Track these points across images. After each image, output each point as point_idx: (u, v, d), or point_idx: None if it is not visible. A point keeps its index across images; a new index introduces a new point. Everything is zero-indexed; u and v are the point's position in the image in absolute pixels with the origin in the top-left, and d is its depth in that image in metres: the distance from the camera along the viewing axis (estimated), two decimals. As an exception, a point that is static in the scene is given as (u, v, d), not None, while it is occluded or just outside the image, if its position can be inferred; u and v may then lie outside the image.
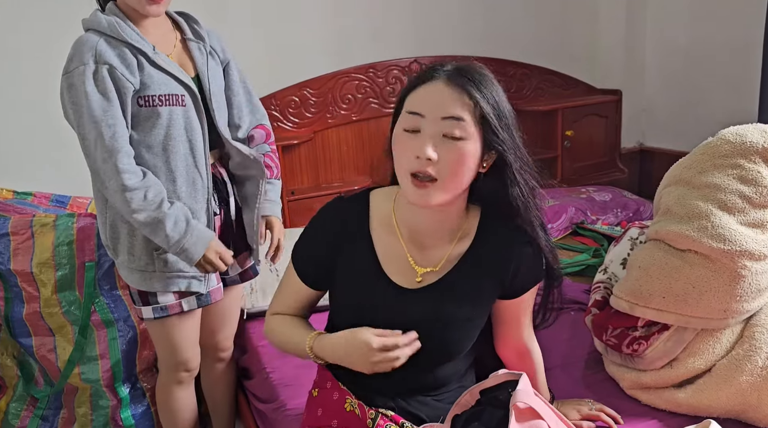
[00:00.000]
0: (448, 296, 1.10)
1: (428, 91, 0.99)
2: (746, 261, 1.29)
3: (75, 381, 1.77)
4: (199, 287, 1.47)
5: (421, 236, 1.11)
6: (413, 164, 0.99)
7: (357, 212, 1.13)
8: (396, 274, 1.10)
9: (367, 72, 2.57)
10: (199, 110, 1.43)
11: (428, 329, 1.07)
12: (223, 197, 1.53)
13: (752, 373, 1.28)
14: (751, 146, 1.36)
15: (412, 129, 0.99)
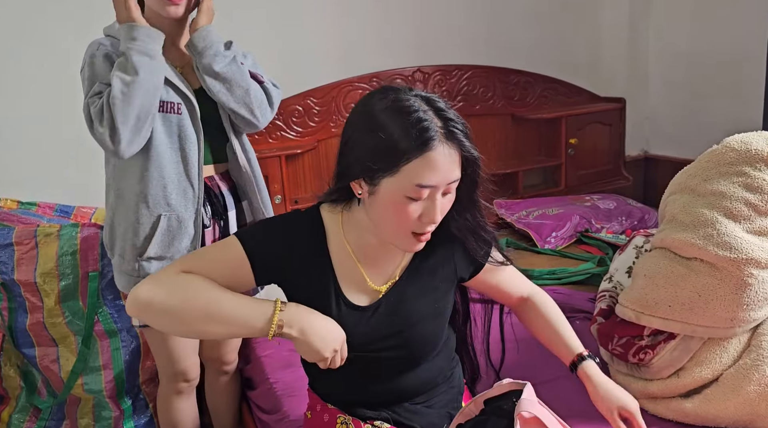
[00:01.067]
0: (407, 300, 1.11)
1: (434, 162, 0.95)
2: (752, 269, 1.28)
3: (78, 391, 1.76)
4: None
5: (375, 253, 1.10)
6: (418, 226, 1.00)
7: (314, 229, 1.09)
8: (355, 294, 1.09)
9: (370, 81, 2.57)
10: (195, 120, 1.42)
11: (396, 337, 1.09)
12: (217, 211, 1.51)
13: (760, 383, 1.26)
14: (756, 153, 1.36)
15: (418, 198, 0.97)
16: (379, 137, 0.95)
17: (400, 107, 0.96)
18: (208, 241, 1.49)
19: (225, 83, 1.42)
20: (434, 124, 0.95)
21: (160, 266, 1.41)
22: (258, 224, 1.13)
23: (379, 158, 0.96)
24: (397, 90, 1.00)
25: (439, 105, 0.98)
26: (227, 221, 1.54)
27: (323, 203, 1.11)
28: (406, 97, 0.98)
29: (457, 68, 2.70)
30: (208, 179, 1.50)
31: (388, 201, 0.97)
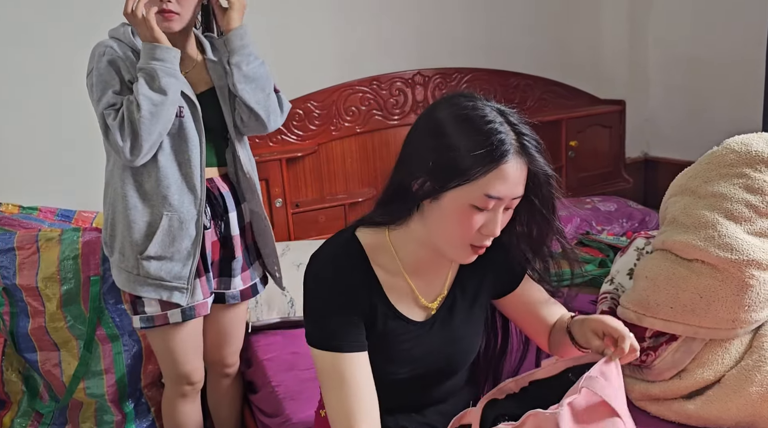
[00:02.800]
0: (456, 316, 1.12)
1: (508, 175, 0.95)
2: (754, 270, 1.28)
3: (80, 396, 1.76)
4: (180, 299, 1.45)
5: (426, 267, 1.10)
6: (477, 238, 0.99)
7: (355, 259, 1.06)
8: (408, 310, 1.09)
9: (371, 84, 2.58)
10: (198, 123, 1.45)
11: (444, 351, 1.11)
12: (218, 213, 1.53)
13: (762, 384, 1.26)
14: (757, 155, 1.36)
15: (484, 208, 0.96)
16: (453, 145, 0.95)
17: (476, 115, 0.96)
18: (208, 242, 1.50)
19: (251, 83, 1.47)
20: (510, 137, 0.95)
21: (159, 266, 1.43)
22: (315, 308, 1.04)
23: (451, 166, 0.95)
24: (472, 98, 1.00)
25: (513, 119, 0.98)
26: (228, 223, 1.55)
27: (358, 227, 1.09)
28: (482, 105, 0.98)
29: (457, 71, 2.71)
30: (209, 181, 1.51)
31: (452, 209, 0.97)
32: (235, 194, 1.57)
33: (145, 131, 1.33)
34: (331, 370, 1.00)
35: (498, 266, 1.14)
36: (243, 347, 1.95)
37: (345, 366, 1.00)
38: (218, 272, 1.56)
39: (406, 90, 2.63)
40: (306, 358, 1.80)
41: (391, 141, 2.63)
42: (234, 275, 1.58)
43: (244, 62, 1.46)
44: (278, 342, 1.90)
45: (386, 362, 1.07)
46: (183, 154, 1.43)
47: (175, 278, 1.44)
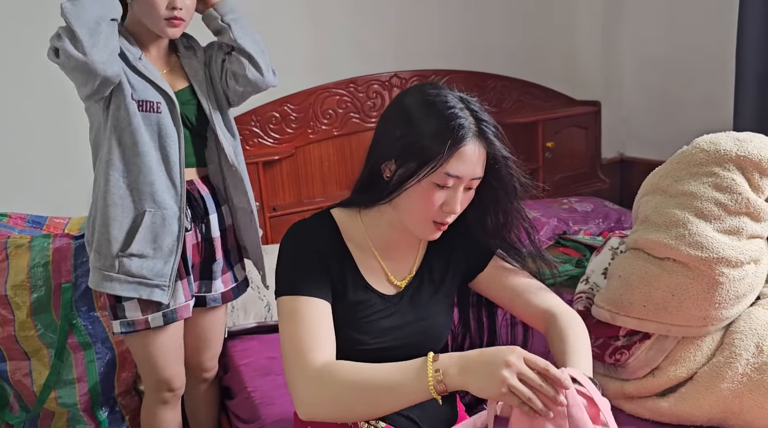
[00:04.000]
0: (424, 293, 1.18)
1: (466, 156, 1.03)
2: (723, 268, 1.30)
3: (51, 405, 1.73)
4: (161, 297, 1.43)
5: (394, 248, 1.17)
6: (439, 215, 1.06)
7: (328, 230, 1.13)
8: (378, 285, 1.15)
9: (347, 87, 2.57)
10: (176, 120, 1.44)
11: (416, 326, 1.15)
12: (198, 214, 1.52)
13: (733, 380, 1.27)
14: (725, 154, 1.38)
15: (444, 185, 1.04)
16: (416, 128, 1.03)
17: (438, 101, 1.05)
18: (189, 244, 1.49)
19: (249, 35, 1.51)
20: (468, 121, 1.03)
21: (141, 264, 1.41)
22: (287, 258, 1.09)
23: (415, 148, 1.03)
24: (435, 86, 1.08)
25: (474, 106, 1.07)
26: (208, 225, 1.54)
27: (334, 207, 1.16)
28: (445, 93, 1.06)
29: (434, 73, 2.72)
30: (189, 183, 1.50)
31: (418, 189, 1.04)
32: (215, 196, 1.56)
33: (72, 17, 1.26)
34: (291, 311, 1.03)
35: (464, 248, 1.21)
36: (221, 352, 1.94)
37: (302, 307, 1.03)
38: (199, 275, 1.55)
39: (383, 92, 2.63)
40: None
41: (368, 144, 2.60)
42: (215, 278, 1.57)
43: (240, 19, 1.50)
44: (255, 347, 1.89)
45: (356, 332, 1.10)
46: (164, 150, 1.43)
47: (157, 275, 1.42)
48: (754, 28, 2.29)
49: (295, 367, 0.98)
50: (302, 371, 0.97)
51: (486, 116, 1.07)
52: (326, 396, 0.96)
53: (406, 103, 1.08)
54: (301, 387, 0.97)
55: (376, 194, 1.10)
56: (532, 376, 0.87)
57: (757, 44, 2.30)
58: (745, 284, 1.32)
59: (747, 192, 1.35)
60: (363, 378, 0.95)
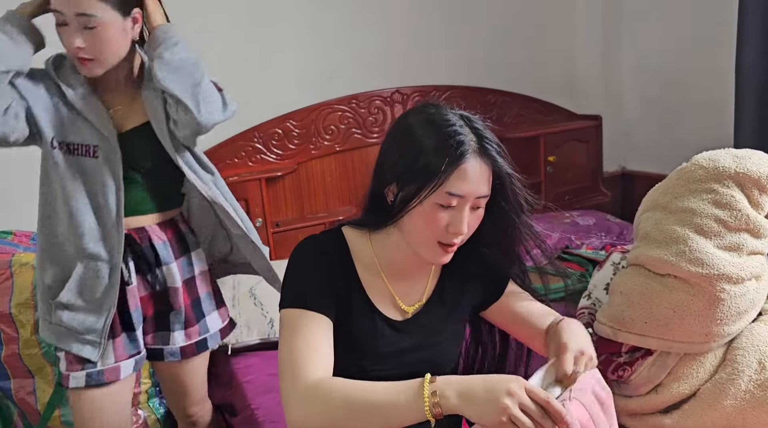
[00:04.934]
0: (435, 319, 1.15)
1: (467, 174, 1.00)
2: (724, 285, 1.30)
3: (55, 424, 1.73)
4: (91, 354, 1.33)
5: (404, 272, 1.14)
6: (445, 236, 1.03)
7: (337, 248, 1.12)
8: (386, 310, 1.13)
9: (349, 103, 2.59)
10: (114, 164, 1.32)
11: (422, 353, 1.13)
12: (146, 266, 1.40)
13: (736, 397, 1.27)
14: (724, 170, 1.38)
15: (448, 205, 1.01)
16: (417, 147, 1.01)
17: (437, 119, 1.03)
18: (132, 298, 1.38)
19: (175, 72, 1.30)
20: (469, 138, 1.01)
21: (72, 316, 1.32)
22: (294, 273, 1.08)
23: (416, 168, 1.00)
24: (436, 106, 1.07)
25: (476, 124, 1.05)
26: (164, 275, 1.42)
27: (345, 225, 1.15)
28: (444, 112, 1.05)
29: (435, 89, 2.74)
30: (140, 231, 1.39)
31: (421, 211, 1.02)
32: (180, 242, 1.45)
33: None
34: (292, 324, 1.02)
35: (480, 278, 1.18)
36: (222, 369, 1.94)
37: (303, 321, 1.01)
38: (153, 327, 1.45)
39: (385, 108, 2.65)
40: (286, 380, 1.78)
41: (370, 159, 2.64)
42: (173, 329, 1.45)
43: (168, 51, 1.31)
44: (257, 363, 1.89)
45: (357, 355, 1.08)
46: (96, 198, 1.32)
47: (88, 330, 1.32)
48: (753, 40, 2.31)
49: (288, 381, 0.97)
50: (294, 386, 0.96)
51: (488, 133, 1.05)
52: (317, 413, 0.94)
53: (406, 123, 1.06)
54: (293, 402, 0.96)
55: (381, 217, 1.08)
56: (534, 408, 0.85)
57: (756, 56, 2.32)
58: (747, 301, 1.33)
59: (746, 209, 1.36)
60: (356, 396, 0.93)
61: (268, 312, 2.00)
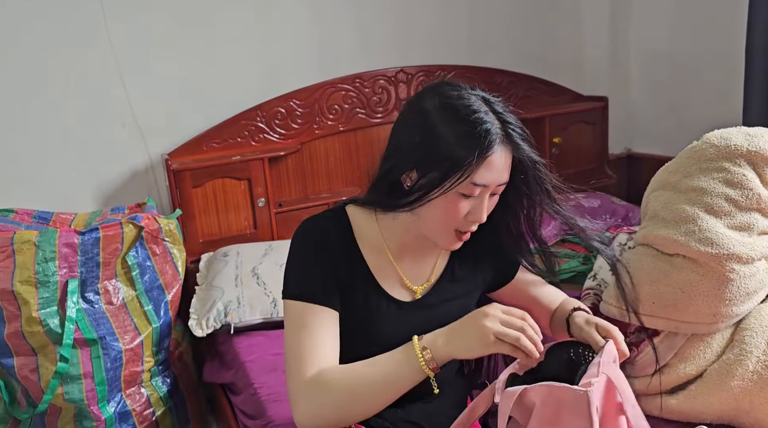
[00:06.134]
0: (443, 301, 1.13)
1: (494, 164, 0.97)
2: (734, 264, 1.28)
3: (58, 401, 1.73)
4: None
5: (412, 253, 1.12)
6: (463, 224, 1.02)
7: (340, 230, 1.08)
8: (392, 290, 1.10)
9: (353, 82, 2.56)
10: None
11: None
12: None
13: (743, 377, 1.26)
14: (736, 149, 1.36)
15: (470, 195, 0.99)
16: (438, 135, 0.96)
17: (461, 105, 0.97)
18: None
19: None
20: (495, 126, 0.97)
21: None
22: (296, 261, 1.05)
23: (438, 158, 0.96)
24: (455, 87, 1.01)
25: (498, 107, 1.00)
26: None
27: (350, 204, 1.11)
28: (467, 95, 0.99)
29: (441, 68, 2.70)
30: None
31: (443, 199, 0.98)
32: None
33: None
34: (297, 318, 1.00)
35: (493, 259, 1.17)
36: (224, 349, 1.94)
37: (309, 315, 1.00)
38: None
39: (389, 88, 2.62)
40: (289, 359, 1.78)
41: (374, 139, 2.62)
42: None
43: None
44: (260, 342, 1.88)
45: (365, 339, 1.06)
46: None
47: None
48: (764, 22, 2.26)
49: (291, 379, 0.97)
50: (298, 383, 0.96)
51: (512, 117, 1.00)
52: (321, 404, 0.94)
53: (425, 106, 1.00)
54: (297, 399, 0.96)
55: (395, 201, 1.03)
56: (514, 320, 0.91)
57: (765, 40, 2.28)
58: (756, 281, 1.31)
59: (758, 188, 1.34)
60: (356, 378, 0.94)
61: (271, 292, 1.99)
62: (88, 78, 2.16)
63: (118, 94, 2.21)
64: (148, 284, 1.88)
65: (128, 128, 2.25)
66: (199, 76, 2.33)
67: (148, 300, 1.87)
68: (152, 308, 1.87)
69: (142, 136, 2.27)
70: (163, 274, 1.92)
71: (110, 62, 2.18)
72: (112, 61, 2.18)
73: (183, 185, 2.21)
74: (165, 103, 2.29)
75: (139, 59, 2.22)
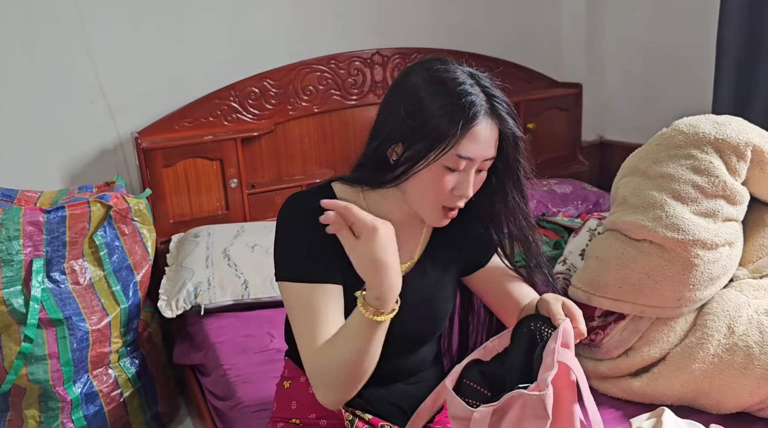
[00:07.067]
0: (427, 277, 1.13)
1: (479, 137, 0.97)
2: (699, 250, 1.31)
3: (22, 381, 1.70)
4: None
5: (398, 231, 1.08)
6: (450, 199, 1.01)
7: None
8: None
9: (329, 63, 2.53)
10: None
11: (415, 311, 1.09)
12: None
13: (704, 360, 1.30)
14: (704, 136, 1.38)
15: (455, 168, 0.98)
16: (425, 108, 0.97)
17: (447, 78, 0.98)
18: None
19: None
20: (480, 98, 0.97)
21: None
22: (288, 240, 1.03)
23: (424, 130, 0.97)
24: (443, 61, 1.02)
25: (484, 82, 1.00)
26: None
27: (335, 181, 1.10)
28: (454, 68, 1.00)
29: (417, 52, 2.68)
30: None
31: (428, 173, 0.98)
32: None
33: None
34: (301, 301, 0.99)
35: (470, 242, 1.16)
36: (195, 330, 1.92)
37: (314, 296, 0.99)
38: None
39: (364, 70, 2.59)
40: (259, 340, 1.77)
41: (349, 122, 2.60)
42: None
43: None
44: (231, 324, 1.87)
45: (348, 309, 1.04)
46: None
47: None
48: (735, 14, 2.30)
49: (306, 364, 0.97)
50: (310, 368, 0.97)
51: (498, 92, 1.00)
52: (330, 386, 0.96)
53: (412, 81, 1.00)
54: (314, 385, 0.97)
55: (382, 177, 1.03)
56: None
57: (737, 30, 2.31)
58: (719, 267, 1.34)
59: (724, 175, 1.36)
60: (338, 353, 0.94)
61: (242, 274, 1.97)
62: (54, 53, 2.09)
63: (86, 70, 2.15)
64: (116, 265, 1.85)
65: (96, 104, 2.20)
66: (170, 53, 2.27)
67: (116, 281, 1.84)
68: (120, 289, 1.85)
69: (111, 113, 2.22)
70: (132, 254, 1.89)
71: (78, 37, 2.12)
72: (80, 36, 2.12)
73: (153, 165, 2.17)
74: (135, 81, 2.24)
75: (108, 34, 2.16)
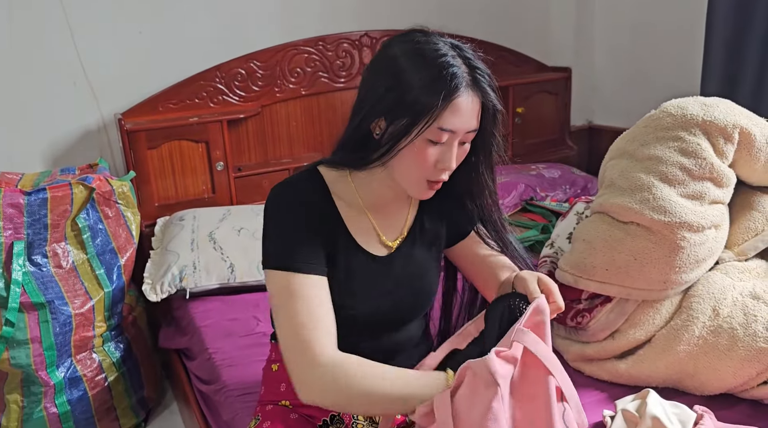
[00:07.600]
0: (416, 255, 1.13)
1: (460, 108, 0.95)
2: (685, 233, 1.31)
3: (4, 366, 1.68)
4: None
5: (386, 207, 1.11)
6: (434, 173, 1.00)
7: (316, 190, 1.06)
8: (369, 246, 1.10)
9: (316, 45, 2.50)
10: None
11: (406, 288, 1.11)
12: None
13: (689, 342, 1.30)
14: (692, 118, 1.38)
15: (438, 141, 0.97)
16: (406, 80, 0.95)
17: (428, 50, 0.96)
18: None
19: None
20: (462, 70, 0.95)
21: None
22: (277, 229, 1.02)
23: (406, 103, 0.95)
24: (424, 33, 1.00)
25: (467, 53, 0.98)
26: None
27: (321, 164, 1.09)
28: (436, 40, 0.98)
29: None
30: None
31: (412, 148, 0.97)
32: None
33: None
34: (284, 290, 0.97)
35: (453, 214, 1.16)
36: (180, 314, 1.91)
37: (300, 286, 0.96)
38: None
39: (353, 52, 2.56)
40: (245, 324, 1.76)
41: (337, 104, 2.57)
42: None
43: None
44: (217, 308, 1.85)
45: (347, 296, 1.05)
46: None
47: None
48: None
49: (298, 358, 0.93)
50: (308, 365, 0.92)
51: (480, 63, 0.98)
52: (335, 394, 0.92)
53: (393, 53, 0.98)
54: (308, 382, 0.93)
55: (367, 156, 1.02)
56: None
57: (726, 12, 2.30)
58: (705, 249, 1.34)
59: (711, 157, 1.36)
60: (379, 385, 0.90)
61: (228, 257, 1.95)
62: (36, 33, 2.05)
63: (69, 51, 2.11)
64: (99, 248, 1.82)
65: (79, 86, 2.15)
66: (154, 33, 2.23)
67: (99, 264, 1.82)
68: (104, 273, 1.82)
69: (94, 95, 2.18)
70: (116, 237, 1.86)
71: (60, 17, 2.07)
72: (62, 16, 2.07)
73: (137, 147, 2.14)
74: (118, 61, 2.19)
75: (90, 14, 2.11)
